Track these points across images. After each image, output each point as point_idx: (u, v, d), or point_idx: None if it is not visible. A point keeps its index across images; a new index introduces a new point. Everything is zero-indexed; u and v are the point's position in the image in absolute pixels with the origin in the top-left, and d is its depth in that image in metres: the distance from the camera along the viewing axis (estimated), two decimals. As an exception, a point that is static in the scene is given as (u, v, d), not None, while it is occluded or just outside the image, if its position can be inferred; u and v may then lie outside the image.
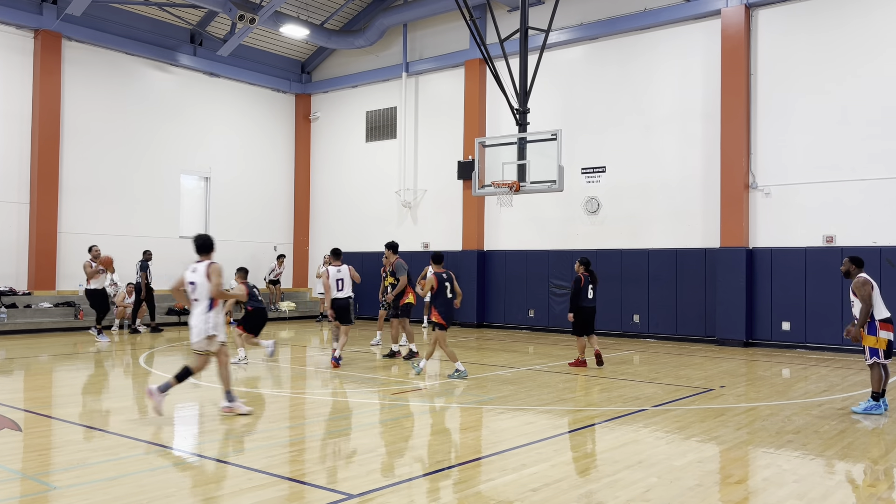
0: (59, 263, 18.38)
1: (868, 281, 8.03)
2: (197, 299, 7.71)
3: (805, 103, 15.16)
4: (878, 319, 7.94)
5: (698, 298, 16.22)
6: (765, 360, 13.16)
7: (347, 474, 5.64)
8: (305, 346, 15.38)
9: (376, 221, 22.18)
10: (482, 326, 19.55)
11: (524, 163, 13.97)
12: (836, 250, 14.59)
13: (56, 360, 12.40)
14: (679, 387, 10.01)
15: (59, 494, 5.07)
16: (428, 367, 11.75)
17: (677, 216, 16.67)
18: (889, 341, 7.96)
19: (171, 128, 20.82)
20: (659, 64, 17.08)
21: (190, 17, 20.77)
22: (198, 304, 7.72)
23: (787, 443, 6.76)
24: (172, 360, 12.46)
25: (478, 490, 5.24)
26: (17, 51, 17.93)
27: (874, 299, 7.95)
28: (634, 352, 14.31)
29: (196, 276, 7.72)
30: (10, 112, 17.82)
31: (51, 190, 18.14)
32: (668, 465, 5.94)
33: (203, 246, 7.88)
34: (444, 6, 19.26)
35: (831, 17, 14.94)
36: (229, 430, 7.16)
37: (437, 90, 21.12)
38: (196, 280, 7.70)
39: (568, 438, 6.93)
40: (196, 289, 7.71)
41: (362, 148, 22.83)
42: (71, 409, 8.28)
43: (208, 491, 5.18)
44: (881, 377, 7.98)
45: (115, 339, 15.86)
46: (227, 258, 21.85)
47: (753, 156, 15.71)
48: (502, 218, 19.41)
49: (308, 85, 24.11)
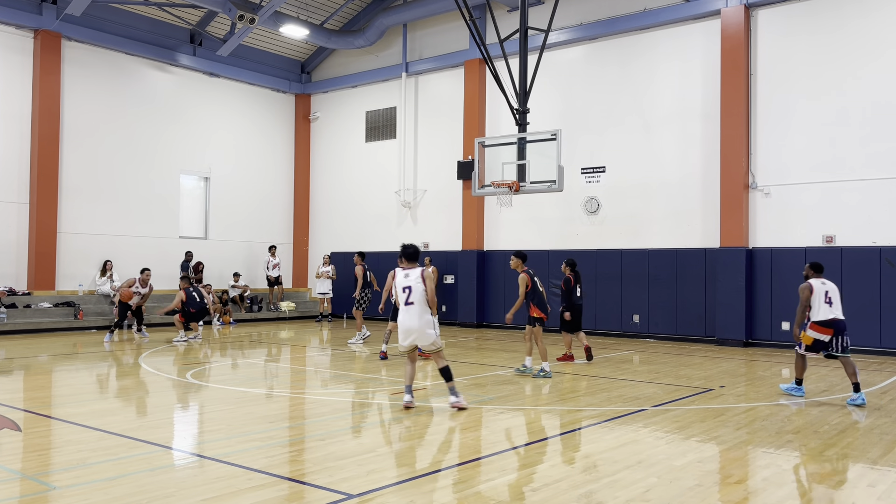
0: (59, 263, 18.38)
1: (808, 286, 9.04)
2: (412, 302, 8.18)
3: (805, 103, 15.16)
4: (812, 320, 8.95)
5: (698, 298, 16.22)
6: (764, 360, 13.16)
7: (347, 474, 5.64)
8: (305, 346, 15.38)
9: (376, 221, 22.18)
10: (482, 326, 19.55)
11: (524, 163, 13.97)
12: (835, 250, 14.60)
13: (56, 360, 12.40)
14: (679, 387, 10.02)
15: (59, 494, 5.06)
16: (427, 367, 11.75)
17: (677, 216, 16.68)
18: (816, 340, 8.92)
19: (171, 128, 20.83)
20: (659, 64, 17.08)
21: (190, 17, 20.77)
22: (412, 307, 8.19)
23: (787, 443, 6.76)
24: (173, 360, 12.46)
25: (478, 490, 5.24)
26: (17, 51, 17.93)
27: (812, 302, 8.96)
28: (634, 352, 14.32)
29: (410, 280, 8.23)
30: (9, 112, 17.82)
31: (50, 190, 18.14)
32: (667, 465, 5.94)
33: (412, 255, 8.46)
34: (443, 6, 19.26)
35: (831, 18, 14.95)
36: (229, 430, 7.16)
37: (437, 90, 21.12)
38: (411, 285, 8.21)
39: (568, 438, 6.93)
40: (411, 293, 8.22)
41: (362, 148, 22.83)
42: (71, 409, 8.28)
43: (208, 491, 5.17)
44: (803, 366, 9.28)
45: (115, 339, 15.85)
46: (227, 258, 22.02)
47: (753, 156, 15.71)
48: (502, 218, 19.42)
49: (308, 85, 24.11)
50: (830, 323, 8.84)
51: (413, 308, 8.18)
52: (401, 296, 8.25)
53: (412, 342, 8.29)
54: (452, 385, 8.31)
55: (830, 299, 8.87)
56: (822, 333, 8.87)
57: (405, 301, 8.21)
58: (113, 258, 19.20)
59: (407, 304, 8.20)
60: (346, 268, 19.80)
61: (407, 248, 8.50)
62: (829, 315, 8.85)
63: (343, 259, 21.15)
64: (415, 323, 8.16)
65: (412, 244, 8.57)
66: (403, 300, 8.22)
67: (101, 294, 18.80)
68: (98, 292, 18.82)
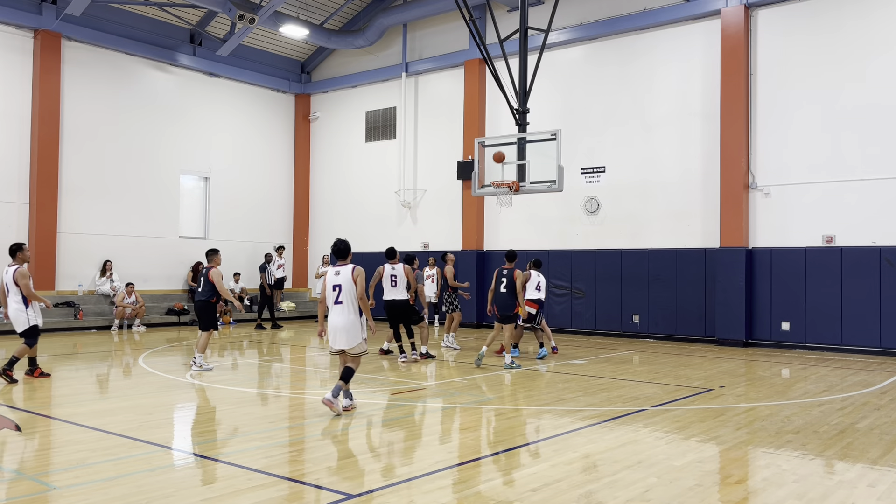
0: (59, 263, 18.37)
1: (528, 273, 12.53)
2: (341, 301, 7.83)
3: (805, 103, 15.16)
4: (528, 298, 12.40)
5: (698, 298, 16.22)
6: (764, 360, 13.16)
7: (347, 474, 5.64)
8: (305, 346, 15.38)
9: (376, 221, 22.18)
10: (481, 326, 19.55)
11: (524, 163, 13.97)
12: (835, 250, 14.60)
13: (56, 360, 12.40)
14: (679, 387, 10.02)
15: (59, 494, 5.06)
16: (427, 367, 11.76)
17: (677, 216, 16.68)
18: (529, 313, 12.45)
19: (171, 128, 20.82)
20: (658, 64, 17.08)
21: (190, 17, 20.77)
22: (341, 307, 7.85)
23: (787, 443, 6.76)
24: (173, 360, 12.46)
25: (478, 490, 5.24)
26: (17, 51, 17.93)
27: (528, 286, 12.46)
28: (634, 352, 14.32)
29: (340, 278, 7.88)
30: (9, 112, 17.81)
31: (50, 190, 18.14)
32: (667, 465, 5.94)
33: (342, 252, 8.10)
34: (443, 6, 19.26)
35: (831, 18, 14.94)
36: (229, 430, 7.16)
37: (437, 90, 21.12)
38: (341, 283, 7.86)
39: (568, 438, 6.93)
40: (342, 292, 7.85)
41: (362, 148, 22.83)
42: (71, 409, 8.28)
43: (208, 491, 5.18)
44: (521, 335, 12.89)
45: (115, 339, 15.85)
46: (227, 258, 21.98)
47: (753, 156, 15.71)
48: (502, 218, 19.42)
49: (308, 85, 24.11)
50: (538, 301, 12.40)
51: (341, 308, 7.82)
52: (329, 294, 7.90)
53: (341, 345, 7.93)
54: (347, 388, 7.95)
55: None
56: (534, 308, 12.61)
57: (334, 300, 7.86)
58: (113, 258, 19.20)
59: (336, 303, 7.84)
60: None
61: (337, 244, 8.09)
62: (535, 295, 12.25)
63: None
64: (342, 323, 7.83)
65: (343, 240, 8.17)
66: (333, 299, 7.87)
67: (101, 294, 18.79)
68: (98, 292, 18.81)
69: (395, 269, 12.34)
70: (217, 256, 11.47)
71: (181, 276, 20.91)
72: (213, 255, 11.46)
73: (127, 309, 17.94)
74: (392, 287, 12.26)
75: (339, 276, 7.90)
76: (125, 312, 17.95)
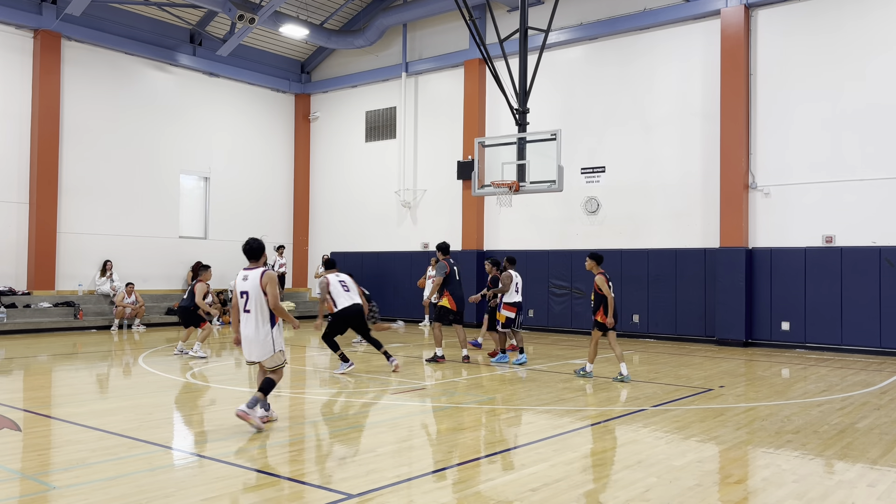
0: (59, 263, 18.38)
1: (511, 276, 12.24)
2: (249, 310, 7.06)
3: (805, 103, 15.16)
4: (505, 302, 12.19)
5: (698, 298, 16.22)
6: (764, 360, 13.16)
7: (347, 474, 5.64)
8: (305, 346, 15.37)
9: (376, 221, 22.18)
10: (481, 326, 19.51)
11: (524, 163, 13.96)
12: (835, 250, 14.60)
13: (55, 360, 12.40)
14: (678, 387, 10.02)
15: (59, 494, 5.06)
16: (426, 367, 11.75)
17: (677, 216, 16.68)
18: (507, 317, 12.23)
19: (171, 128, 20.82)
20: (658, 64, 17.08)
21: (189, 16, 20.77)
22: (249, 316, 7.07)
23: (787, 443, 6.76)
24: (173, 360, 12.45)
25: (478, 490, 5.24)
26: (17, 51, 17.93)
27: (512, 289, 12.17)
28: (634, 352, 14.31)
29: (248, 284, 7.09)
30: (9, 112, 17.81)
31: (50, 190, 18.14)
32: (667, 465, 5.94)
33: (254, 252, 7.24)
34: (443, 6, 19.25)
35: (831, 18, 14.95)
36: (229, 430, 7.16)
37: (437, 90, 21.12)
38: (248, 290, 7.07)
39: (567, 438, 6.93)
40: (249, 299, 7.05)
41: (362, 148, 22.83)
42: (71, 408, 8.28)
43: (208, 491, 5.17)
44: (505, 339, 12.72)
45: (115, 339, 15.86)
46: (227, 258, 22.00)
47: (753, 156, 15.71)
48: (502, 218, 19.42)
49: (308, 85, 24.10)
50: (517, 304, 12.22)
51: (249, 317, 7.05)
52: (238, 301, 7.14)
53: (253, 357, 7.16)
54: (266, 399, 7.19)
55: None
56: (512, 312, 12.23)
57: (243, 308, 7.09)
58: (113, 258, 19.20)
59: (244, 311, 7.08)
60: (345, 268, 19.76)
61: (249, 243, 7.22)
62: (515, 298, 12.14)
63: (342, 259, 21.13)
64: (251, 334, 7.05)
65: (256, 238, 7.31)
66: (241, 307, 7.11)
67: (101, 294, 18.79)
68: (98, 292, 18.81)
69: (340, 276, 11.26)
70: (207, 272, 11.76)
71: (181, 276, 20.91)
72: (204, 271, 11.87)
73: (127, 309, 17.95)
74: (345, 292, 11.12)
75: (247, 282, 7.05)
76: (125, 312, 17.95)
